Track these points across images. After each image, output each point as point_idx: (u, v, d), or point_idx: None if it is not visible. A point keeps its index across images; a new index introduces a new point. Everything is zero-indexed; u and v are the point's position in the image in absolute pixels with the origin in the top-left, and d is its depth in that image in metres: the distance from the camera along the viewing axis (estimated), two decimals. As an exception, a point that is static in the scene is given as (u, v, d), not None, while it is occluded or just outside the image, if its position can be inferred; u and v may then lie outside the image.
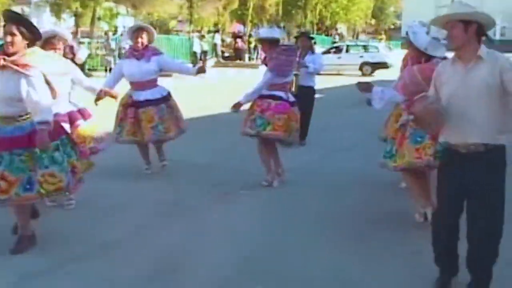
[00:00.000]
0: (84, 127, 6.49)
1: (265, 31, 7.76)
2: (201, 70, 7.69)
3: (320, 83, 20.49)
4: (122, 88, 7.64)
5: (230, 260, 4.96)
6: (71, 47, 7.30)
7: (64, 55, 6.35)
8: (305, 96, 9.69)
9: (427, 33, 5.71)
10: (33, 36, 4.93)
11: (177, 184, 7.51)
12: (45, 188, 4.91)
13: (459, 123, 4.08)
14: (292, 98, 7.41)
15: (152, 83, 7.76)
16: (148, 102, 7.61)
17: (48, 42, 6.06)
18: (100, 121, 6.88)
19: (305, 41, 10.36)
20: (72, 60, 6.73)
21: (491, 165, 4.10)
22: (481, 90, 3.99)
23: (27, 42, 4.88)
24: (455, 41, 4.07)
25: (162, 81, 7.88)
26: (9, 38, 4.79)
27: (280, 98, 7.22)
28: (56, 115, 5.44)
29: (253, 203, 6.67)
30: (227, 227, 5.86)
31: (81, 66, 22.94)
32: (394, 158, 5.86)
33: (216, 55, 37.18)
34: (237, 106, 7.19)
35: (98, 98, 6.66)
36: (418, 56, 5.55)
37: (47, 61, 5.06)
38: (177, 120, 7.88)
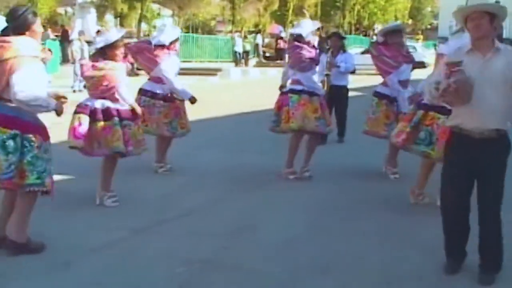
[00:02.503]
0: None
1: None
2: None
3: (359, 81, 21.40)
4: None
5: (297, 222, 6.13)
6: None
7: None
8: (339, 95, 10.09)
9: None
10: None
11: (242, 165, 8.69)
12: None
13: (475, 109, 4.33)
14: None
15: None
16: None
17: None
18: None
19: (337, 41, 10.62)
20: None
21: (502, 149, 4.49)
22: (497, 80, 4.28)
23: None
24: (482, 30, 4.32)
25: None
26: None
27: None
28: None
29: (305, 184, 7.76)
30: (290, 199, 7.03)
31: (131, 65, 23.75)
32: (432, 147, 6.34)
33: (258, 55, 38.34)
34: None
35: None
36: None
37: None
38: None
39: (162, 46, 7.78)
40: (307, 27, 7.82)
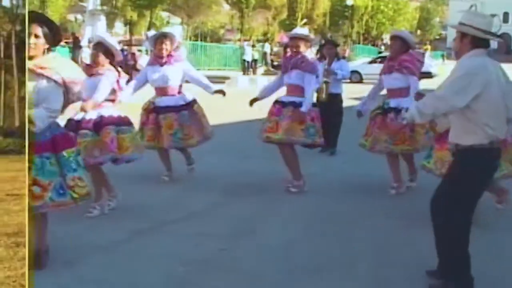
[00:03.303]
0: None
1: None
2: (220, 92, 8.05)
3: (365, 91, 21.48)
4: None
5: (295, 226, 6.28)
6: (133, 54, 8.20)
7: (126, 62, 6.87)
8: (334, 104, 10.07)
9: None
10: (54, 39, 4.77)
11: (245, 171, 8.88)
12: (77, 192, 4.81)
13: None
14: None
15: (175, 90, 7.80)
16: (169, 108, 7.65)
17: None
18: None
19: (331, 49, 10.62)
20: (134, 66, 7.61)
21: (458, 165, 4.45)
22: None
23: (48, 45, 4.71)
24: (453, 47, 4.53)
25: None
26: (32, 40, 4.61)
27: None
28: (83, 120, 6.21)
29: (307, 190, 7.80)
30: (289, 204, 7.17)
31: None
32: (429, 160, 6.41)
33: (266, 64, 38.53)
34: None
35: None
36: None
37: (68, 67, 4.87)
38: (201, 127, 7.97)
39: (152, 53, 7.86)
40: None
